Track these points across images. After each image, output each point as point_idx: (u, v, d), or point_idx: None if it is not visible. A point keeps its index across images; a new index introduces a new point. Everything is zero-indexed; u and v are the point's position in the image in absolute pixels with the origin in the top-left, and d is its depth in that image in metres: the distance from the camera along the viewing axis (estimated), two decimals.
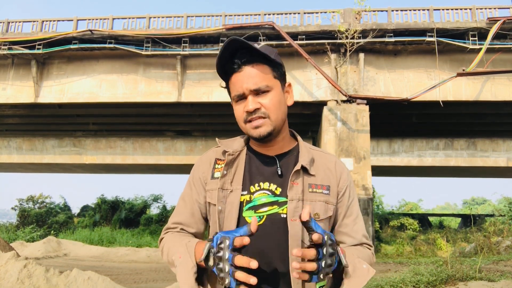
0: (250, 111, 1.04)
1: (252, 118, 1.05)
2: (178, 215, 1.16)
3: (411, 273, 6.40)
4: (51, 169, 21.05)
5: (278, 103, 1.08)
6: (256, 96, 1.05)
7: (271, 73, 1.08)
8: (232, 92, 1.08)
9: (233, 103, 1.10)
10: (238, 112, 1.09)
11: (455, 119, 14.84)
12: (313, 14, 12.61)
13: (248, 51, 1.05)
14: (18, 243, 12.35)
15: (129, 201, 22.57)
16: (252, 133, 1.07)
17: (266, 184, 1.08)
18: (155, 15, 13.04)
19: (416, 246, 14.73)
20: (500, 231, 14.62)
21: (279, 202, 1.06)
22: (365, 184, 11.38)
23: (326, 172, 1.12)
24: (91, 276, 5.39)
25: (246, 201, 1.07)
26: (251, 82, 1.04)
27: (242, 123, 1.08)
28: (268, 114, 1.05)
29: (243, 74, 1.05)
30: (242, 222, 1.05)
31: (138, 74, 13.17)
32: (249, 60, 1.05)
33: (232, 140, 1.20)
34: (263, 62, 1.07)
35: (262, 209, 1.05)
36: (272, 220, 1.04)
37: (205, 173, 1.15)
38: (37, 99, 13.30)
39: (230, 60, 1.06)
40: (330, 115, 11.97)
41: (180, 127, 16.60)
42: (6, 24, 13.34)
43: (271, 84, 1.07)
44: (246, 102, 1.06)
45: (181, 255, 1.00)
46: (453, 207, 54.76)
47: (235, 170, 1.11)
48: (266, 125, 1.05)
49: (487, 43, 11.19)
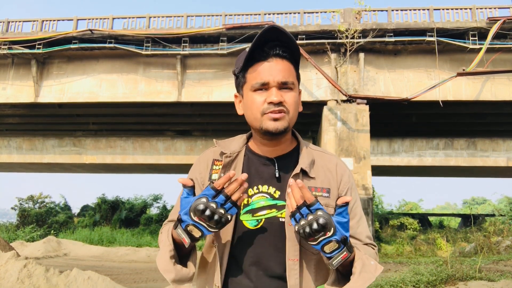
0: (275, 102, 1.00)
1: (273, 111, 1.01)
2: (175, 214, 1.14)
3: (411, 272, 6.40)
4: (51, 169, 21.05)
5: (297, 103, 1.07)
6: (279, 90, 1.02)
7: (295, 73, 1.07)
8: (253, 80, 1.03)
9: (248, 92, 1.05)
10: (256, 102, 1.03)
11: (455, 119, 14.84)
12: (313, 14, 12.61)
13: (283, 45, 1.03)
14: (18, 243, 12.36)
15: (129, 201, 22.57)
16: (268, 126, 1.01)
17: (264, 187, 1.07)
18: (155, 14, 13.03)
19: (416, 246, 14.74)
20: (500, 231, 14.63)
21: (277, 205, 1.04)
22: (365, 184, 11.38)
23: (327, 174, 1.10)
24: (91, 275, 5.39)
25: (243, 204, 1.05)
26: (281, 75, 1.01)
27: (258, 113, 1.02)
28: (289, 110, 1.03)
29: (272, 64, 1.02)
30: (239, 226, 1.04)
31: (138, 74, 13.16)
32: (280, 54, 1.03)
33: (231, 140, 1.16)
34: (291, 61, 1.05)
35: (260, 213, 1.04)
36: (270, 224, 1.03)
37: (202, 173, 1.13)
38: (37, 99, 13.29)
39: (260, 47, 1.02)
40: (330, 115, 11.97)
41: (180, 127, 16.60)
42: (6, 24, 13.34)
43: (295, 84, 1.06)
44: (269, 93, 1.01)
45: (163, 238, 1.04)
46: (453, 207, 54.74)
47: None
48: (284, 120, 1.02)
49: (487, 43, 11.18)
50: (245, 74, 1.06)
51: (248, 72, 1.05)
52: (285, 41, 1.02)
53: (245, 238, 1.03)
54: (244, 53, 1.04)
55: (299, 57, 1.08)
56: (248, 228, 1.04)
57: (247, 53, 1.02)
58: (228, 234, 1.03)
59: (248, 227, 1.04)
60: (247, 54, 1.02)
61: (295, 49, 1.05)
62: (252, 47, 1.01)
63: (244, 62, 1.04)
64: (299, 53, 1.07)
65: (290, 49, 1.04)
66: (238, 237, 1.04)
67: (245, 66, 1.05)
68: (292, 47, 1.04)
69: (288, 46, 1.03)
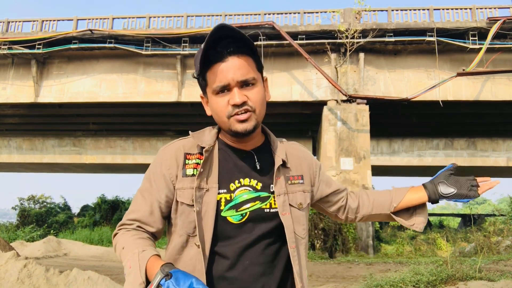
0: (238, 104, 0.97)
1: (238, 112, 0.98)
2: (136, 212, 1.06)
3: (411, 272, 6.39)
4: (51, 168, 21.06)
5: (262, 98, 1.04)
6: (241, 89, 0.99)
7: (255, 66, 1.03)
8: (213, 83, 1.00)
9: (211, 96, 1.02)
10: (219, 105, 1.00)
11: (455, 119, 14.84)
12: (313, 14, 12.62)
13: (235, 41, 0.99)
14: (18, 243, 12.35)
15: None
16: (237, 128, 0.99)
17: (246, 180, 1.05)
18: (155, 14, 13.04)
19: (416, 245, 14.72)
20: (500, 231, 14.61)
21: (261, 197, 1.05)
22: (365, 183, 11.38)
23: (297, 162, 1.14)
24: (91, 275, 5.39)
25: (225, 200, 1.03)
26: (239, 73, 0.98)
27: (224, 117, 1.00)
28: (254, 108, 1.01)
29: (228, 64, 0.98)
30: (220, 222, 1.01)
31: (138, 74, 13.16)
32: (235, 50, 0.99)
33: (202, 132, 1.12)
34: (248, 54, 1.02)
35: (244, 206, 1.03)
36: (256, 216, 1.03)
37: (171, 169, 1.05)
38: (37, 99, 13.30)
39: (213, 48, 0.98)
40: (330, 115, 11.97)
41: (180, 127, 16.60)
42: (6, 24, 13.34)
43: (257, 77, 1.03)
44: (232, 95, 0.98)
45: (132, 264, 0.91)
46: (453, 207, 54.77)
47: (209, 167, 1.04)
48: (252, 120, 1.00)
49: (487, 42, 11.18)
50: (205, 76, 1.03)
51: (207, 74, 1.02)
52: (237, 36, 0.99)
53: (230, 233, 1.01)
54: (200, 52, 0.99)
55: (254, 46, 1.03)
56: (232, 223, 1.02)
57: (200, 57, 0.99)
58: (208, 230, 0.99)
59: (232, 222, 1.02)
60: (201, 59, 0.99)
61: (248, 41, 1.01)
62: (204, 50, 0.97)
63: (200, 66, 1.01)
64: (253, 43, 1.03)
65: (244, 41, 1.00)
66: (222, 233, 1.01)
67: (202, 69, 1.02)
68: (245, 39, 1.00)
69: (241, 40, 1.00)
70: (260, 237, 1.03)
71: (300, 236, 1.08)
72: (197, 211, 0.99)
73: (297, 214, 1.08)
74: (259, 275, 1.01)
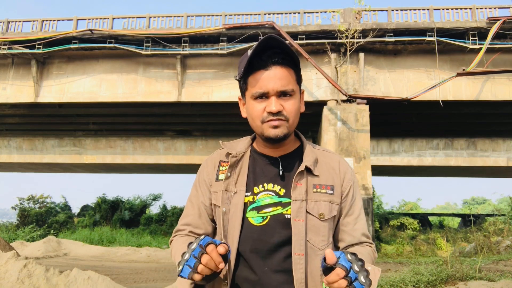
0: (274, 112, 1.03)
1: (272, 119, 1.05)
2: (187, 216, 1.18)
3: (411, 272, 6.40)
4: (51, 168, 21.05)
5: (297, 110, 1.09)
6: (279, 98, 1.05)
7: (295, 78, 1.09)
8: (253, 88, 1.06)
9: (249, 99, 1.09)
10: (256, 110, 1.07)
11: (455, 119, 14.83)
12: (313, 13, 12.61)
13: (281, 52, 1.05)
14: (18, 243, 12.36)
15: (129, 201, 22.57)
16: (269, 133, 1.06)
17: (270, 185, 1.10)
18: (155, 14, 13.02)
19: (416, 245, 14.74)
20: (500, 231, 14.63)
21: (283, 203, 1.07)
22: (365, 184, 11.38)
23: (330, 172, 1.13)
24: (91, 275, 5.39)
25: (249, 202, 1.08)
26: (279, 84, 1.04)
27: (258, 121, 1.07)
28: (288, 118, 1.06)
29: (271, 73, 1.04)
30: (246, 222, 1.07)
31: (138, 74, 13.16)
32: (279, 61, 1.05)
33: (237, 141, 1.20)
34: (291, 66, 1.08)
35: (265, 210, 1.07)
36: (276, 221, 1.06)
37: (209, 175, 1.17)
38: (37, 99, 13.29)
39: (258, 55, 1.05)
40: (330, 115, 11.97)
41: (180, 127, 16.59)
42: (6, 24, 13.33)
43: (295, 89, 1.08)
44: (269, 102, 1.05)
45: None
46: (453, 207, 54.77)
47: (239, 171, 1.12)
48: (284, 127, 1.06)
49: (487, 42, 11.18)
50: (246, 81, 1.09)
51: (249, 79, 1.08)
52: (283, 47, 1.05)
53: (251, 234, 1.06)
54: (246, 57, 1.06)
55: (297, 59, 1.09)
56: (253, 224, 1.07)
57: (246, 63, 1.04)
58: (235, 231, 1.06)
59: (253, 224, 1.07)
60: (246, 64, 1.04)
61: (293, 54, 1.07)
62: (251, 57, 1.03)
63: (244, 71, 1.06)
64: (297, 56, 1.09)
65: (288, 54, 1.06)
66: (245, 233, 1.06)
67: (245, 74, 1.08)
68: (290, 52, 1.06)
69: (286, 52, 1.06)
70: (281, 244, 1.04)
71: (316, 247, 1.05)
72: (224, 212, 1.08)
73: (315, 223, 1.07)
74: (279, 283, 1.03)
